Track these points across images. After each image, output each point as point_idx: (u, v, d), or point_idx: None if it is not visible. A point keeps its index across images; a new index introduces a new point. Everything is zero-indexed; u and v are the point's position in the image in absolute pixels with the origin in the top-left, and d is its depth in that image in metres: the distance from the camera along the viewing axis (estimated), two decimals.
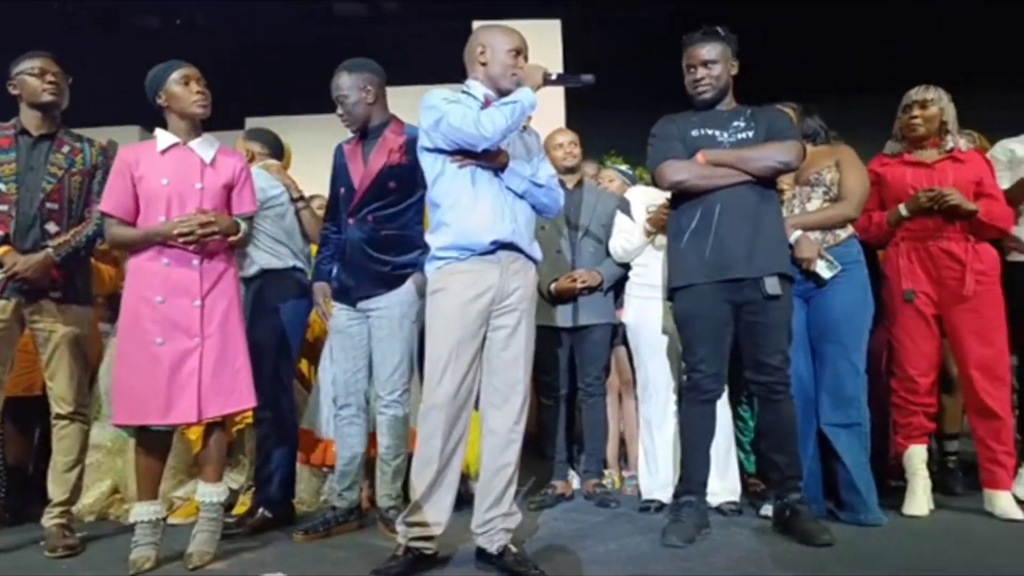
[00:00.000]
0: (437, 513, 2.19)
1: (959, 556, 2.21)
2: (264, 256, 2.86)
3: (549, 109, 4.55)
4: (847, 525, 2.51)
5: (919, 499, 2.65)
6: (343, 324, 2.65)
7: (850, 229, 2.69)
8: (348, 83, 2.62)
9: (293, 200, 2.97)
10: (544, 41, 4.72)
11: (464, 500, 2.42)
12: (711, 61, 2.48)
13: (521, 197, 2.25)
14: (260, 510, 2.75)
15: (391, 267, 2.61)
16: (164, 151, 2.41)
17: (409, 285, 2.62)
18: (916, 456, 2.69)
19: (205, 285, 2.37)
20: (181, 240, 2.31)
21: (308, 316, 3.00)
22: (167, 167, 2.39)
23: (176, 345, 2.31)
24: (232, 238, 2.40)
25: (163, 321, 2.31)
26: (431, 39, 5.86)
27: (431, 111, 2.18)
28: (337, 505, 2.70)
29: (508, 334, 2.22)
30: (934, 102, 2.70)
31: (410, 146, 2.57)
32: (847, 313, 2.60)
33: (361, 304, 2.62)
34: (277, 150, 3.13)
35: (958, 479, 2.97)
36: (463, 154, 2.18)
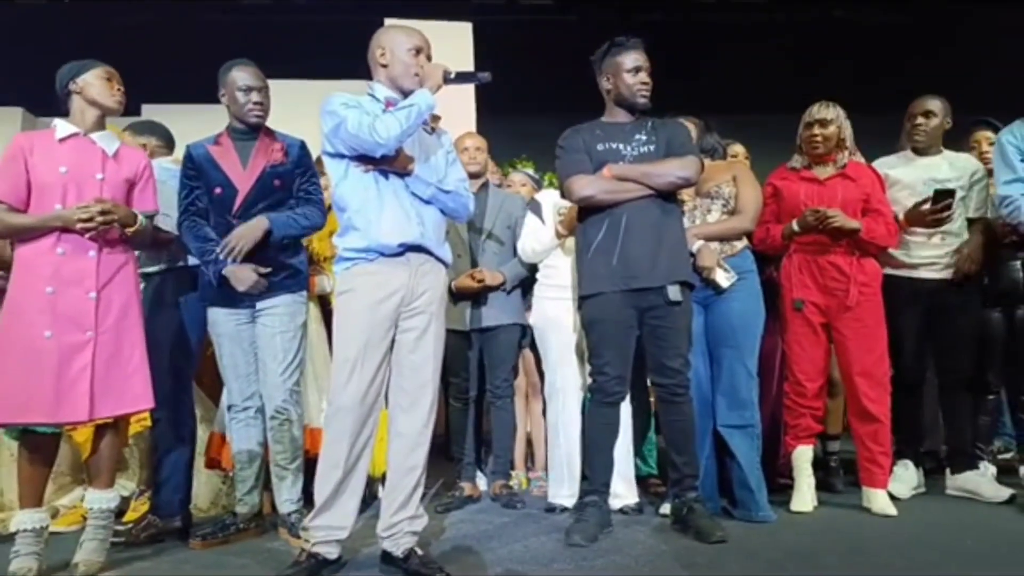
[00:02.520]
0: (342, 517, 2.16)
1: (839, 548, 2.36)
2: (163, 254, 2.74)
3: (460, 112, 4.57)
4: (740, 522, 2.65)
5: (805, 496, 2.81)
6: (232, 328, 2.58)
7: (745, 240, 2.85)
8: (261, 77, 2.61)
9: None
10: (455, 44, 4.72)
11: (367, 502, 2.40)
12: (646, 68, 2.57)
13: (428, 203, 2.26)
14: (152, 517, 2.63)
15: (282, 267, 2.58)
16: (63, 139, 2.31)
17: (299, 287, 2.62)
18: (803, 456, 2.86)
19: (102, 277, 2.27)
20: (79, 227, 2.21)
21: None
22: (66, 156, 2.29)
23: (66, 338, 2.20)
24: (129, 229, 2.31)
25: (52, 312, 2.19)
26: (338, 32, 5.78)
27: (330, 116, 2.16)
28: (237, 511, 2.63)
29: (417, 336, 2.22)
30: (833, 121, 2.88)
31: (288, 150, 2.63)
32: (743, 320, 2.74)
33: (247, 306, 2.57)
34: (170, 140, 3.02)
35: (840, 477, 3.17)
36: (365, 159, 2.17)
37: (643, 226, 2.50)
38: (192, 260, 2.77)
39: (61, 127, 2.32)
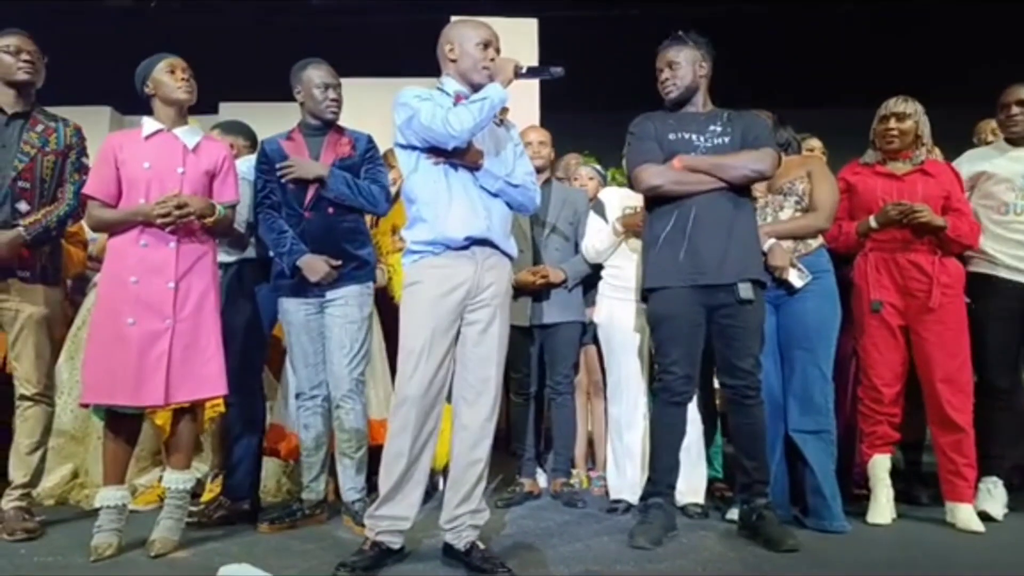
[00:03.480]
0: (406, 508, 2.18)
1: (918, 564, 2.25)
2: (240, 246, 2.83)
3: (523, 108, 4.56)
4: (812, 531, 2.54)
5: (882, 507, 2.68)
6: (302, 318, 2.65)
7: (820, 239, 2.74)
8: (335, 74, 2.71)
9: None
10: (521, 40, 4.72)
11: (429, 494, 2.41)
12: (675, 63, 2.53)
13: (495, 196, 2.26)
14: (224, 499, 2.72)
15: (350, 259, 2.65)
16: (148, 137, 2.43)
17: (367, 277, 2.68)
18: (880, 465, 2.73)
19: (181, 267, 2.36)
20: (159, 221, 2.31)
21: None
22: (150, 152, 2.41)
23: (147, 326, 2.30)
24: (208, 220, 2.39)
25: (135, 301, 2.30)
26: (405, 31, 5.86)
27: (403, 108, 2.19)
28: (304, 497, 2.69)
29: (481, 329, 2.22)
30: (910, 115, 2.75)
31: (356, 144, 2.72)
32: (817, 321, 2.64)
33: (316, 296, 2.63)
34: (255, 140, 3.11)
35: (924, 489, 3.00)
36: (437, 151, 2.19)
37: (713, 220, 2.42)
38: (271, 253, 2.86)
39: (147, 124, 2.44)
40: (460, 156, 2.21)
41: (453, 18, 5.02)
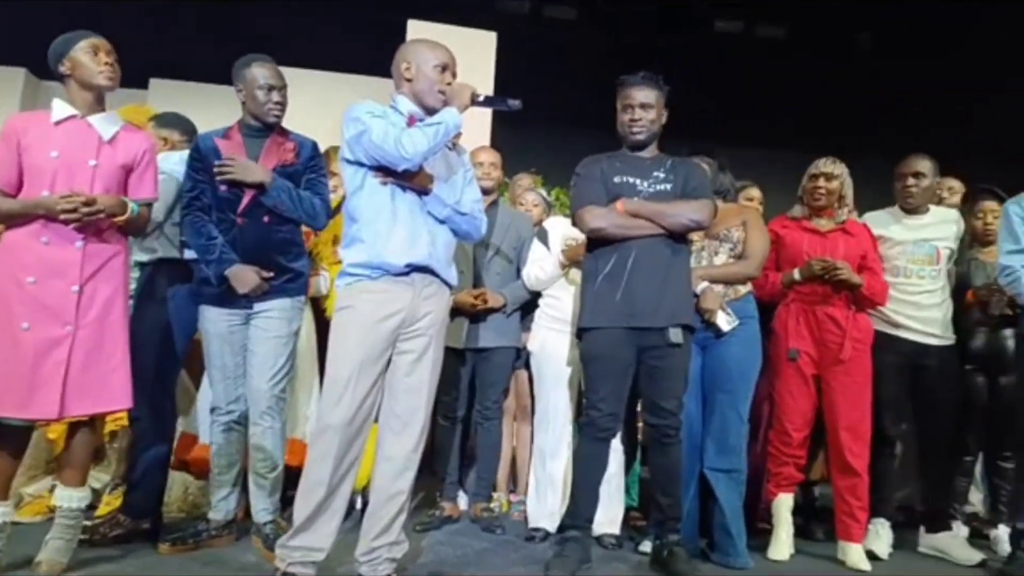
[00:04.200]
0: (321, 538, 2.11)
1: None
2: (165, 244, 2.66)
3: (477, 120, 4.54)
4: (717, 566, 2.65)
5: (783, 544, 2.83)
6: (224, 329, 2.51)
7: (749, 286, 2.85)
8: (281, 75, 2.56)
9: None
10: (478, 52, 4.68)
11: (348, 514, 2.34)
12: (648, 105, 2.55)
13: (442, 222, 2.22)
14: (122, 516, 2.55)
15: (282, 271, 2.53)
16: (59, 122, 2.22)
17: (298, 291, 2.57)
18: (784, 504, 2.87)
19: (87, 270, 2.19)
20: (63, 217, 2.12)
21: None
22: (59, 140, 2.20)
23: (44, 332, 2.12)
24: (119, 218, 2.22)
25: (31, 304, 2.12)
26: (357, 27, 5.68)
27: (354, 123, 2.12)
28: (211, 517, 2.56)
29: (414, 359, 2.18)
30: (837, 176, 2.90)
31: (300, 151, 2.58)
32: (740, 366, 2.74)
33: (243, 307, 2.50)
34: (193, 135, 2.90)
35: (820, 524, 3.17)
36: (385, 171, 2.13)
37: (651, 265, 2.48)
38: (187, 254, 2.69)
39: (58, 108, 2.23)
40: (409, 179, 2.15)
41: (410, 23, 4.90)
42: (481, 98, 2.19)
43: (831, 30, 6.99)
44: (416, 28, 4.66)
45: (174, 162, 2.64)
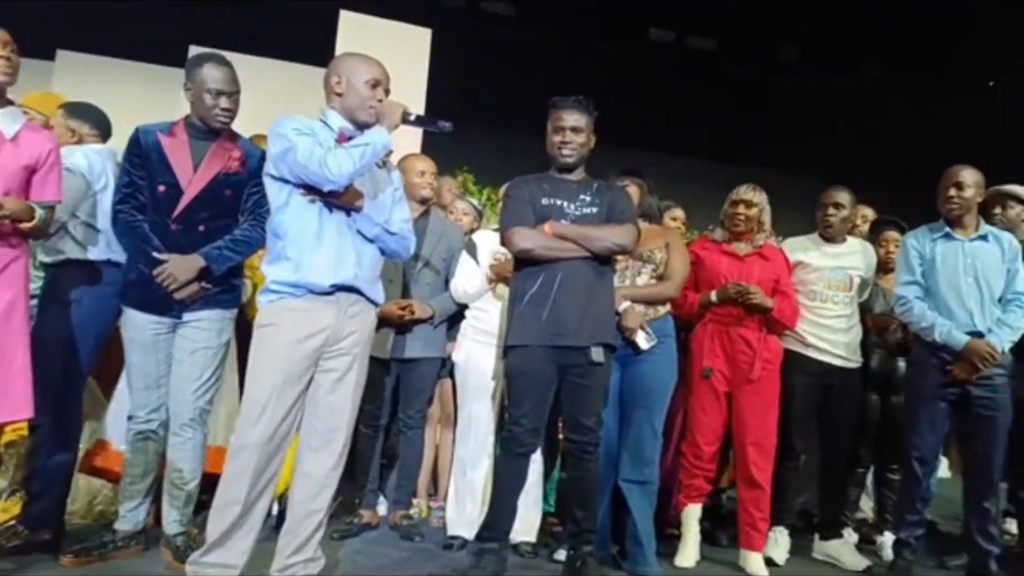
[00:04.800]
0: (235, 555, 2.10)
1: None
2: (71, 244, 2.53)
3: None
4: (626, 573, 2.78)
5: (690, 552, 2.98)
6: (148, 336, 2.43)
7: (668, 306, 2.96)
8: (235, 80, 2.44)
9: None
10: (412, 48, 4.61)
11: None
12: (578, 128, 2.61)
13: (370, 241, 2.21)
14: (20, 526, 2.44)
15: (216, 281, 2.45)
16: None
17: (231, 303, 2.52)
18: (692, 515, 3.02)
19: None
20: None
21: (113, 315, 2.68)
22: None
23: None
24: (25, 225, 2.12)
25: None
26: (289, 14, 5.51)
27: (279, 139, 2.08)
28: (118, 528, 2.49)
29: (337, 378, 2.17)
30: (756, 204, 3.04)
31: (246, 160, 2.49)
32: (656, 383, 2.85)
33: (172, 316, 2.42)
34: (106, 129, 2.78)
35: (725, 531, 3.34)
36: (311, 188, 2.10)
37: (576, 286, 2.54)
38: (94, 254, 2.56)
39: None
40: (337, 197, 2.13)
41: (343, 12, 4.76)
42: (412, 117, 2.18)
43: (759, 41, 7.24)
44: (348, 20, 4.54)
45: (78, 157, 2.51)
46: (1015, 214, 3.26)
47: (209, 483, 2.43)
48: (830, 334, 3.15)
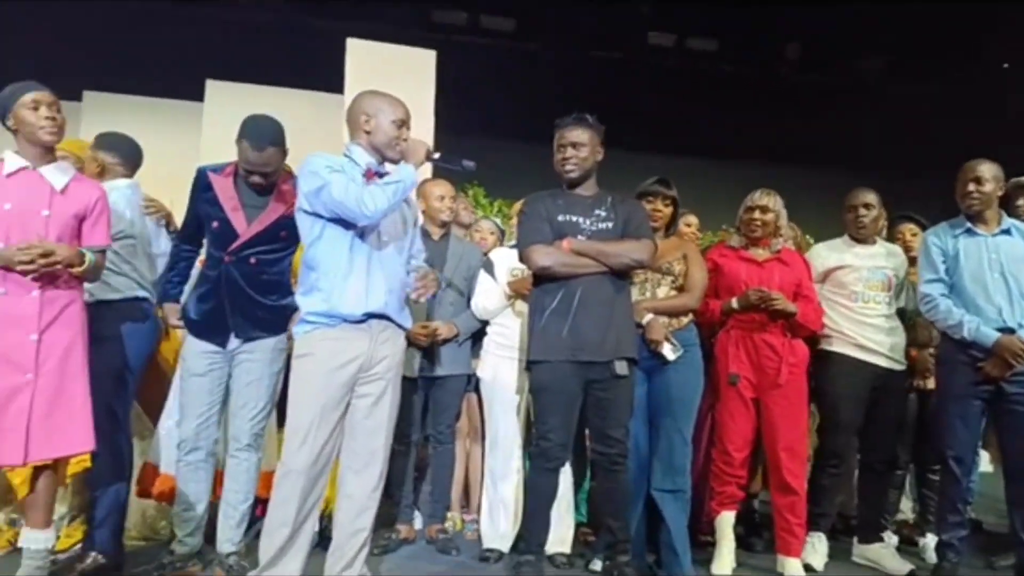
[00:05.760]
0: (289, 573, 2.20)
1: None
2: (100, 286, 2.63)
3: (416, 133, 4.64)
4: None
5: (725, 559, 2.99)
6: (203, 366, 2.58)
7: (691, 315, 3.00)
8: (274, 155, 2.57)
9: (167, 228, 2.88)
10: (418, 70, 4.73)
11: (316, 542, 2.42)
12: (579, 144, 2.68)
13: (395, 270, 2.34)
14: (91, 554, 2.57)
15: (270, 310, 2.60)
16: (11, 174, 2.28)
17: (279, 327, 2.64)
18: (726, 522, 3.03)
19: (45, 318, 2.25)
20: (20, 268, 2.18)
21: (151, 346, 2.82)
22: (12, 191, 2.27)
23: (5, 381, 2.18)
24: (76, 269, 2.28)
25: None
26: (294, 42, 5.68)
27: (312, 177, 2.19)
28: (175, 549, 2.62)
29: (372, 402, 2.28)
30: (772, 209, 3.07)
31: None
32: (683, 391, 2.88)
33: (231, 344, 2.58)
34: (134, 160, 2.92)
35: (760, 537, 3.35)
36: (344, 223, 2.23)
37: (596, 301, 2.60)
38: (138, 292, 2.72)
39: (9, 160, 2.29)
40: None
41: (349, 41, 4.88)
42: (436, 156, 2.30)
43: (761, 42, 7.24)
44: (356, 47, 4.67)
45: (115, 196, 2.64)
46: None
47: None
48: (875, 333, 3.12)
